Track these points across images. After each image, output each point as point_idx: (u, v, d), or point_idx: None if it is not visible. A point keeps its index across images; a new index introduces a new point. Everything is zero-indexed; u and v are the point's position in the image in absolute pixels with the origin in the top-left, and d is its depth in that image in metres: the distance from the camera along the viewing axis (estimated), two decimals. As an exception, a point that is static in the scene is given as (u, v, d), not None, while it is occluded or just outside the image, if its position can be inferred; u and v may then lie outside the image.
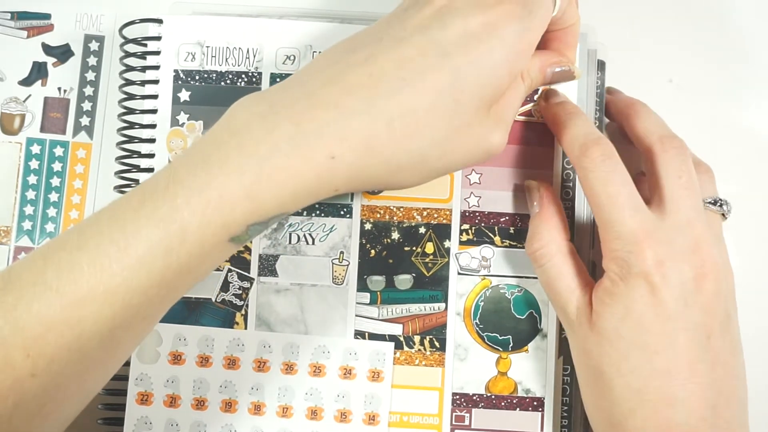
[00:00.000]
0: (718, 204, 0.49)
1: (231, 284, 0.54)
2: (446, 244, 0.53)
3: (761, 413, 0.55)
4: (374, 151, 0.41)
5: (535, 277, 0.52)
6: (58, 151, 0.57)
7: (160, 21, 0.55)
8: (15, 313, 0.37)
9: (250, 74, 0.54)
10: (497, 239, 0.53)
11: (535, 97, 0.53)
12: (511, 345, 0.53)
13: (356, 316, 0.53)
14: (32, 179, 0.57)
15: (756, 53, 0.58)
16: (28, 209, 0.56)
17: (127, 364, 0.53)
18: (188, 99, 0.54)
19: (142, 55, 0.55)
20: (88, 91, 0.57)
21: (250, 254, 0.54)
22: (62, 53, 0.58)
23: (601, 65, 0.55)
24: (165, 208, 0.38)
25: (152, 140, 0.54)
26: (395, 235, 0.54)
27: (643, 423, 0.44)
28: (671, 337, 0.44)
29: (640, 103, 0.52)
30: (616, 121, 0.53)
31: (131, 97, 0.55)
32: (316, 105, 0.40)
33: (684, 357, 0.44)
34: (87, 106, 0.57)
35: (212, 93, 0.53)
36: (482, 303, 0.53)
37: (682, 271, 0.44)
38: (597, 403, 0.47)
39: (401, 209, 0.54)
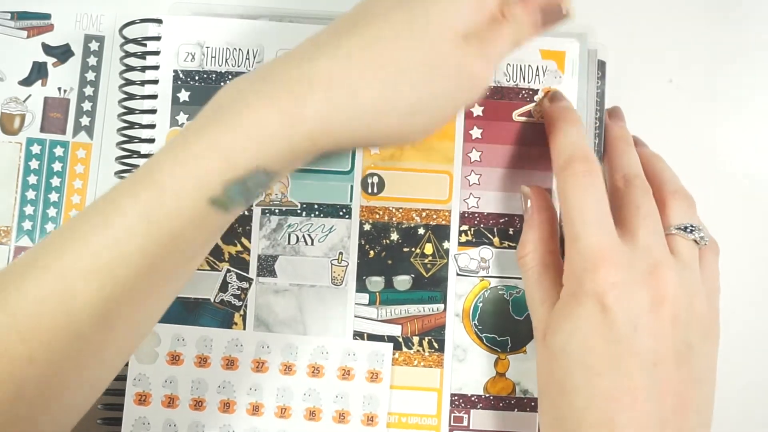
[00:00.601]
0: (689, 230, 0.48)
1: (230, 285, 0.54)
2: (445, 245, 0.54)
3: (761, 413, 0.55)
4: (342, 85, 0.39)
5: (534, 279, 0.52)
6: (58, 151, 0.57)
7: (159, 21, 0.55)
8: (6, 295, 0.37)
9: (249, 75, 0.54)
10: (496, 240, 0.54)
11: (536, 97, 0.54)
12: (509, 346, 0.53)
13: (355, 316, 0.54)
14: (32, 179, 0.57)
15: (756, 53, 0.58)
16: (28, 209, 0.57)
17: (126, 364, 0.53)
18: (188, 99, 0.54)
19: (142, 55, 0.55)
20: (88, 91, 0.57)
21: (249, 255, 0.54)
22: (62, 53, 0.58)
23: (601, 65, 0.55)
24: (143, 178, 0.39)
25: (152, 140, 0.54)
26: (394, 236, 0.54)
27: None
28: (616, 361, 0.43)
29: (625, 142, 0.53)
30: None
31: (131, 97, 0.55)
32: (282, 63, 0.41)
33: (627, 382, 0.43)
34: (87, 106, 0.57)
35: (212, 93, 0.53)
36: (481, 304, 0.54)
37: (637, 295, 0.44)
38: (543, 419, 0.47)
39: (400, 210, 0.54)
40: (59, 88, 0.58)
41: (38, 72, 0.58)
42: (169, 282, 0.42)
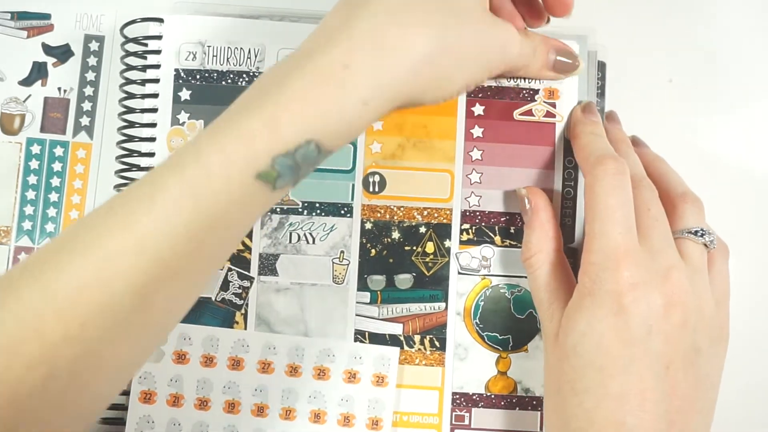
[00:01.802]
0: (699, 234, 0.48)
1: (231, 283, 0.54)
2: (446, 243, 0.54)
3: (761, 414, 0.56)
4: (387, 47, 0.41)
5: (535, 277, 0.53)
6: (58, 151, 0.57)
7: (161, 20, 0.56)
8: (45, 278, 0.37)
9: (251, 74, 0.55)
10: (497, 239, 0.54)
11: (536, 96, 0.54)
12: (510, 344, 0.54)
13: (356, 315, 0.54)
14: (32, 179, 0.57)
15: (756, 53, 0.59)
16: (28, 209, 0.57)
17: (130, 362, 0.54)
18: (189, 98, 0.55)
19: (143, 55, 0.56)
20: (88, 91, 0.58)
21: (250, 253, 0.54)
22: (62, 53, 0.58)
23: (601, 66, 0.55)
24: (189, 155, 0.38)
25: (153, 139, 0.55)
26: (395, 235, 0.54)
27: None
28: (629, 362, 0.44)
29: (626, 144, 0.53)
30: None
31: (132, 96, 0.56)
32: (322, 32, 0.41)
33: (638, 384, 0.43)
34: (87, 106, 0.58)
35: (213, 92, 0.54)
36: (482, 302, 0.54)
37: (652, 298, 0.44)
38: (552, 419, 0.47)
39: (402, 209, 0.54)
40: (59, 88, 0.58)
41: (38, 72, 0.58)
42: (209, 262, 0.42)
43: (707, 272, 0.48)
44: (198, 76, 0.55)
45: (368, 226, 0.54)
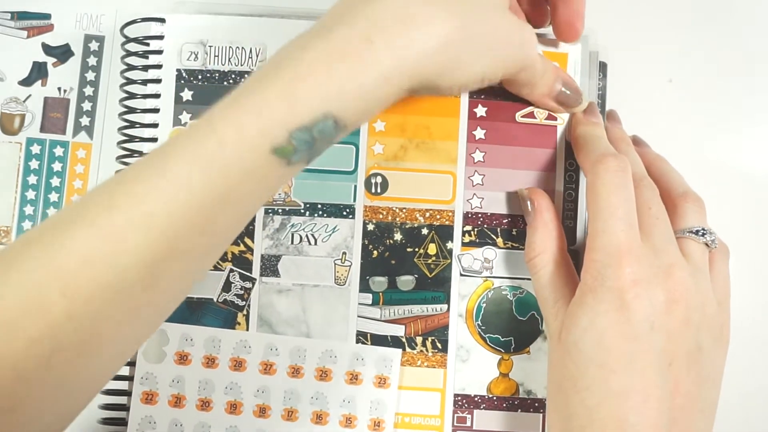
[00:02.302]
0: (701, 234, 0.48)
1: (233, 284, 0.54)
2: (449, 245, 0.54)
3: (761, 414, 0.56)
4: (412, 27, 0.40)
5: (538, 279, 0.53)
6: (58, 151, 0.58)
7: (162, 20, 0.56)
8: (49, 252, 0.36)
9: (253, 74, 0.55)
10: (499, 241, 0.54)
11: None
12: (512, 346, 0.54)
13: (358, 317, 0.54)
14: (32, 179, 0.57)
15: (756, 53, 0.59)
16: (28, 209, 0.57)
17: (132, 363, 0.54)
18: (191, 98, 0.55)
19: (144, 54, 0.56)
20: (88, 91, 0.58)
21: (252, 254, 0.55)
22: (62, 53, 0.58)
23: (602, 67, 0.56)
24: (201, 128, 0.38)
25: (154, 139, 0.55)
26: (398, 236, 0.54)
27: None
28: (631, 359, 0.44)
29: (627, 143, 0.53)
30: None
31: (133, 96, 0.56)
32: (349, 8, 0.41)
33: (641, 380, 0.43)
34: (87, 106, 0.58)
35: (215, 92, 0.54)
36: (484, 304, 0.54)
37: (655, 294, 0.44)
38: (553, 417, 0.47)
39: (404, 210, 0.55)
40: (59, 88, 0.58)
41: (38, 72, 0.58)
42: (219, 239, 0.41)
43: (708, 272, 0.48)
44: (200, 77, 0.55)
45: (370, 227, 0.55)
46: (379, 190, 0.55)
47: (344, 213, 0.55)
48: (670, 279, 0.45)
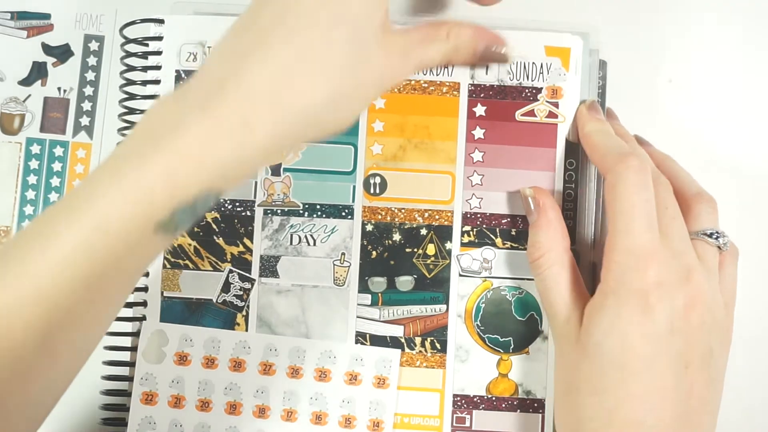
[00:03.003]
0: (714, 236, 0.49)
1: (232, 285, 0.55)
2: (447, 245, 0.55)
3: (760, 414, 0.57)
4: (285, 103, 0.41)
5: (537, 279, 0.53)
6: (58, 151, 0.58)
7: (161, 21, 0.56)
8: None
9: (252, 76, 0.55)
10: (498, 241, 0.55)
11: (539, 95, 0.55)
12: (512, 347, 0.54)
13: (357, 317, 0.55)
14: (32, 179, 0.58)
15: (756, 53, 0.59)
16: (28, 209, 0.57)
17: (132, 364, 0.55)
18: (190, 100, 0.55)
19: (144, 55, 0.56)
20: (88, 91, 0.58)
21: (251, 255, 0.55)
22: (62, 53, 0.59)
23: (602, 65, 0.56)
24: (84, 203, 0.38)
25: (154, 141, 0.55)
26: (396, 237, 0.55)
27: None
28: (651, 361, 0.44)
29: (633, 141, 0.54)
30: None
31: (132, 96, 0.56)
32: (221, 80, 0.40)
33: (660, 383, 0.44)
34: (87, 106, 0.58)
35: None
36: (483, 305, 0.54)
37: (675, 297, 0.45)
38: (565, 419, 0.48)
39: (402, 210, 0.55)
40: (59, 88, 0.58)
41: (38, 72, 0.58)
42: (111, 304, 0.42)
43: (718, 274, 0.49)
44: (199, 78, 0.55)
45: (369, 227, 0.55)
46: (377, 191, 0.55)
47: (343, 213, 0.55)
48: (690, 283, 0.46)
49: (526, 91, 0.55)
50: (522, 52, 0.53)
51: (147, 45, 0.57)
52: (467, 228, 0.55)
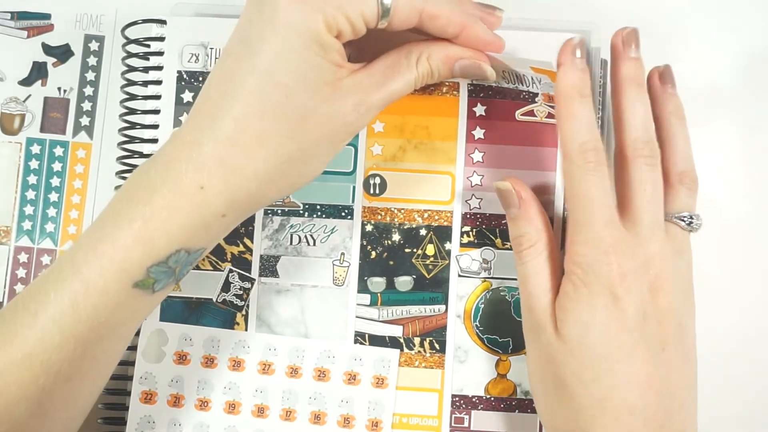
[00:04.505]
0: (687, 221, 0.50)
1: (232, 284, 0.56)
2: (447, 246, 0.55)
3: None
4: (235, 170, 0.43)
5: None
6: (58, 151, 0.59)
7: (163, 22, 0.57)
8: None
9: (253, 76, 0.56)
10: (498, 241, 0.55)
11: (537, 98, 0.55)
12: (510, 347, 0.55)
13: (356, 317, 0.55)
14: (32, 179, 0.58)
15: (755, 53, 0.60)
16: (28, 209, 0.58)
17: (132, 363, 0.55)
18: (191, 100, 0.56)
19: (145, 56, 0.57)
20: (88, 91, 0.59)
21: (251, 255, 0.56)
22: (62, 53, 0.59)
23: (603, 64, 0.56)
24: (67, 270, 0.42)
25: (155, 140, 0.56)
26: (396, 237, 0.56)
27: (604, 431, 0.46)
28: (631, 348, 0.46)
29: (639, 88, 0.51)
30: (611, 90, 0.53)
31: (133, 97, 0.57)
32: (179, 146, 0.44)
33: (643, 367, 0.46)
34: (87, 106, 0.59)
35: None
36: (482, 305, 0.55)
37: (641, 284, 0.47)
38: (557, 411, 0.48)
39: (402, 211, 0.56)
40: (59, 88, 0.59)
41: (38, 72, 0.59)
42: (102, 364, 0.45)
43: (689, 252, 0.51)
44: (201, 78, 0.56)
45: (369, 228, 0.56)
46: (377, 191, 0.56)
47: (343, 214, 0.56)
48: (652, 269, 0.47)
49: (524, 92, 0.55)
50: (508, 65, 0.53)
51: (149, 46, 0.57)
52: (467, 228, 0.55)
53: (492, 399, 0.55)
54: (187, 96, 0.57)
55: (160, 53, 0.57)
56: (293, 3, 0.43)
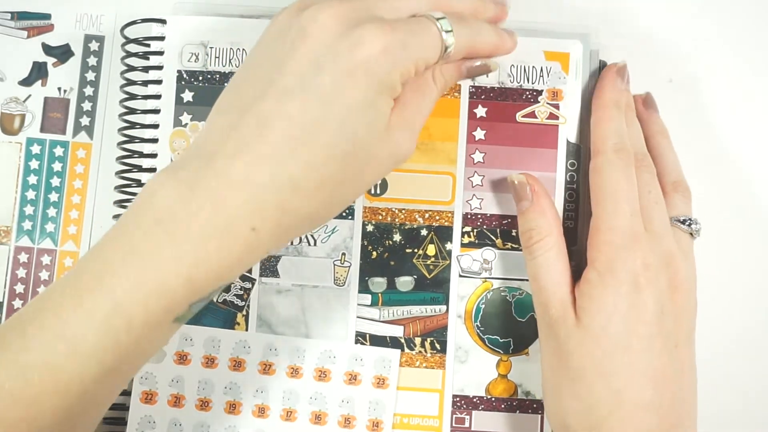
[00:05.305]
0: (687, 223, 0.51)
1: (232, 284, 0.56)
2: (448, 246, 0.56)
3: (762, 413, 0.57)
4: (290, 213, 0.43)
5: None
6: (58, 151, 0.59)
7: (163, 21, 0.57)
8: None
9: (254, 76, 0.56)
10: (499, 242, 0.56)
11: (540, 98, 0.55)
12: (511, 348, 0.55)
13: (357, 317, 0.56)
14: (32, 179, 0.58)
15: (755, 53, 0.60)
16: (28, 209, 0.58)
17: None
18: (191, 100, 0.57)
19: (145, 55, 0.57)
20: (88, 91, 0.59)
21: (251, 255, 0.56)
22: (62, 53, 0.59)
23: (602, 66, 0.56)
24: (107, 303, 0.40)
25: (155, 140, 0.56)
26: (397, 237, 0.56)
27: (620, 425, 0.46)
28: (650, 341, 0.47)
29: (631, 111, 0.55)
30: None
31: (133, 96, 0.57)
32: (230, 185, 0.42)
33: (659, 362, 0.47)
34: (87, 106, 0.59)
35: (216, 94, 0.53)
36: (483, 305, 0.55)
37: (660, 279, 0.48)
38: (570, 407, 0.48)
39: (403, 211, 0.56)
40: (59, 88, 0.59)
41: (38, 72, 0.59)
42: (126, 380, 0.46)
43: (693, 258, 0.52)
44: (201, 78, 0.57)
45: (369, 228, 0.56)
46: (378, 191, 0.56)
47: (343, 214, 0.56)
48: (671, 267, 0.49)
49: (527, 93, 0.56)
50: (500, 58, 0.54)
51: (148, 45, 0.58)
52: (468, 229, 0.56)
53: (493, 399, 0.55)
54: (187, 95, 0.57)
55: (160, 53, 0.57)
56: (373, 57, 0.43)
